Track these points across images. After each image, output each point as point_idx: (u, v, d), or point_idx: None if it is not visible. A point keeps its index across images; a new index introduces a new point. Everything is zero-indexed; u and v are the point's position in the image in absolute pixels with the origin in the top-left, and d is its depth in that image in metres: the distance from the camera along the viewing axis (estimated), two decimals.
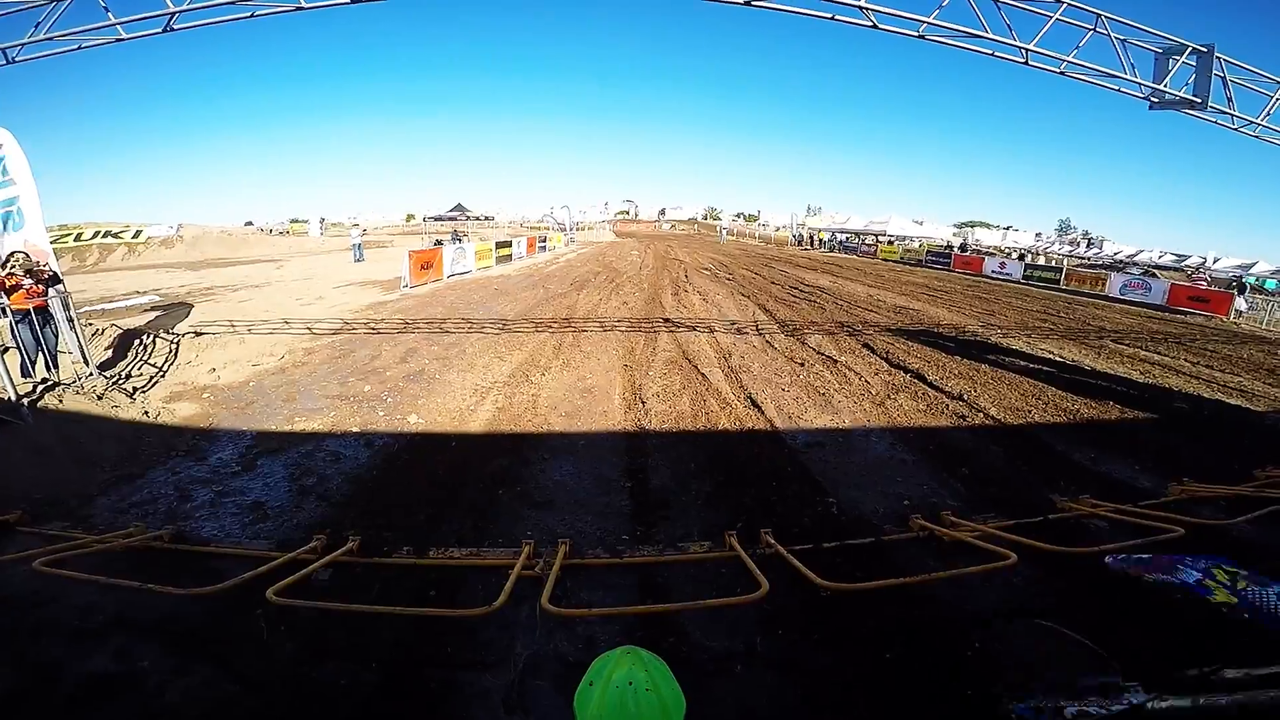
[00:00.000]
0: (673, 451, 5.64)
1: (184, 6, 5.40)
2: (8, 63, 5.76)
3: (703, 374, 8.09)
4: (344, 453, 5.67)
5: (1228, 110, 7.03)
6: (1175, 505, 4.69)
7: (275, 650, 2.96)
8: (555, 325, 11.46)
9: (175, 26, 5.64)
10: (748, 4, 5.73)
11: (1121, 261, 34.78)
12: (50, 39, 5.57)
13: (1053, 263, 33.02)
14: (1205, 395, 8.27)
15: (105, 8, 5.50)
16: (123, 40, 5.72)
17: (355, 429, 6.16)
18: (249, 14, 5.70)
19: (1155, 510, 4.24)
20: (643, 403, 6.94)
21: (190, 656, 2.95)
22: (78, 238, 36.23)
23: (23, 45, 5.60)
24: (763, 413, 6.65)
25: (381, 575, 3.62)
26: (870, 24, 6.07)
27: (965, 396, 7.43)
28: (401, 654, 2.90)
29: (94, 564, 3.53)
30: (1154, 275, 25.43)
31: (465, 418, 6.50)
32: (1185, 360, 10.59)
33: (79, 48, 5.86)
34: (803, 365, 8.72)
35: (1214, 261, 31.76)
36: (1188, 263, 32.83)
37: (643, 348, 9.55)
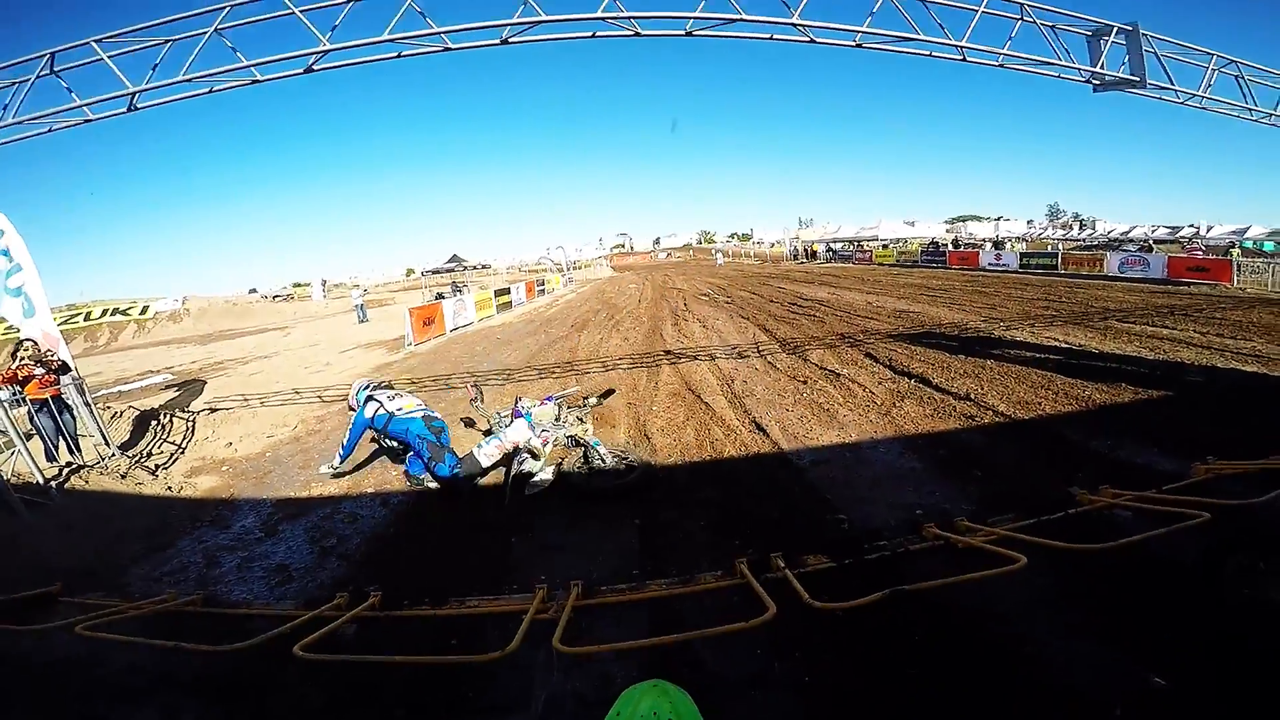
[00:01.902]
0: (679, 483, 5.68)
1: (143, 86, 5.66)
2: None
3: (706, 403, 8.14)
4: (361, 513, 5.76)
5: (1169, 86, 7.16)
6: (1200, 486, 4.56)
7: (305, 702, 3.02)
8: (558, 370, 11.60)
9: (139, 106, 5.88)
10: (689, 34, 5.94)
11: (1116, 239, 34.72)
12: (20, 122, 5.79)
13: (1048, 248, 33.02)
14: (1220, 365, 8.19)
15: (69, 89, 5.76)
16: (91, 121, 5.97)
17: (371, 490, 6.24)
18: (207, 89, 5.95)
19: (1179, 495, 4.18)
20: (648, 438, 6.98)
21: (227, 711, 3.09)
22: (87, 317, 37.11)
23: None
24: (768, 435, 6.68)
25: (403, 627, 3.70)
26: (808, 39, 6.23)
27: (972, 396, 7.42)
28: (424, 701, 2.95)
29: (132, 629, 3.64)
30: (1151, 249, 25.43)
31: None
32: (1194, 331, 10.51)
33: (50, 130, 6.08)
34: (805, 383, 8.75)
35: (1208, 230, 31.66)
36: (1182, 234, 32.73)
37: (645, 383, 9.61)
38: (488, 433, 6.48)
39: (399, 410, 6.02)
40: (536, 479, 5.46)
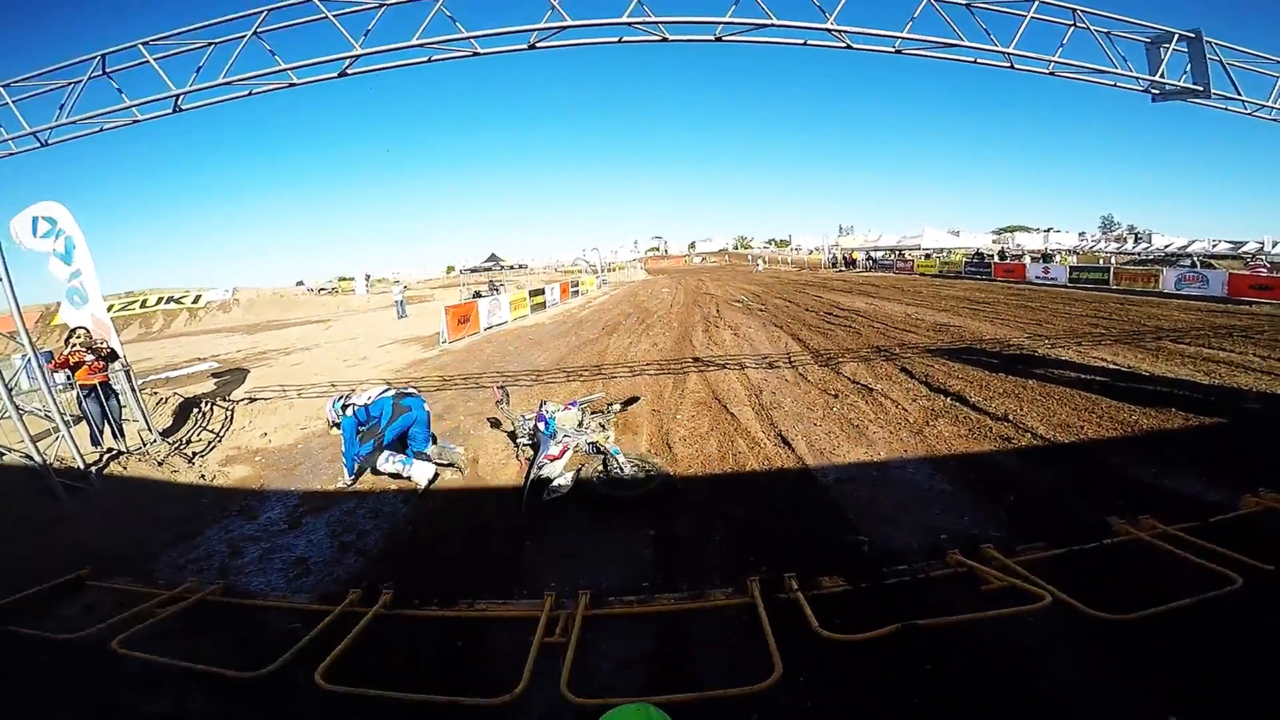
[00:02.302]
0: (698, 496, 5.60)
1: (186, 88, 5.87)
2: (41, 145, 6.28)
3: (732, 414, 8.01)
4: (383, 509, 5.86)
5: (1235, 96, 6.69)
6: (1250, 519, 4.32)
7: (316, 701, 3.06)
8: (586, 372, 11.62)
9: (184, 107, 6.11)
10: (718, 40, 5.82)
11: (1173, 254, 32.98)
12: (74, 122, 6.04)
13: (1099, 261, 31.68)
14: None
15: (119, 89, 5.98)
16: (139, 121, 6.20)
17: (393, 487, 6.33)
18: (247, 92, 6.13)
19: (1225, 528, 3.94)
20: (670, 448, 6.91)
21: (237, 704, 3.17)
22: (143, 304, 38.92)
23: (51, 128, 6.11)
24: (793, 450, 6.53)
25: (413, 627, 3.74)
26: (844, 45, 6.01)
27: (1011, 417, 7.13)
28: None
29: (161, 626, 3.83)
30: (1210, 266, 24.19)
31: (497, 471, 6.63)
32: (1255, 355, 9.85)
33: (101, 130, 6.32)
34: (836, 396, 8.55)
35: (1274, 245, 29.90)
36: (1245, 249, 30.96)
37: (671, 390, 9.54)
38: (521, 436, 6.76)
39: (369, 399, 6.50)
40: (555, 484, 5.47)
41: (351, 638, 3.41)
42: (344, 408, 6.47)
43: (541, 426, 5.95)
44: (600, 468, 5.73)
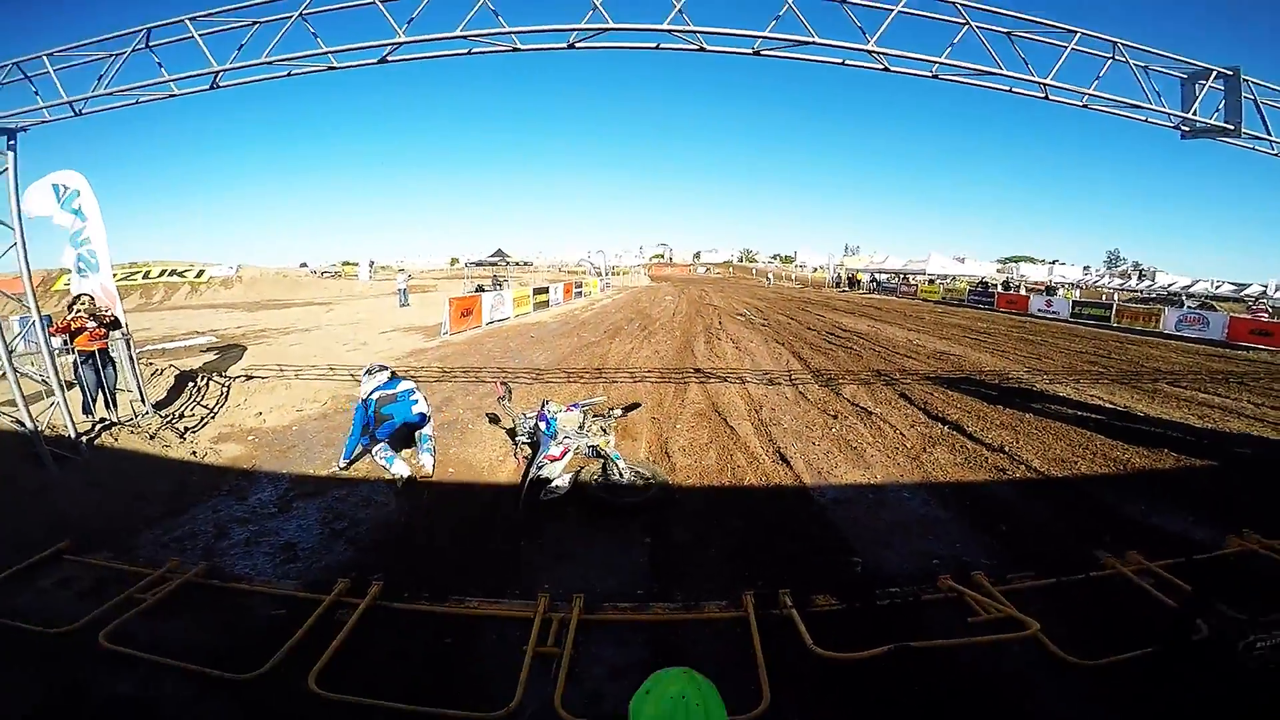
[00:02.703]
0: (695, 506, 5.60)
1: (226, 66, 5.84)
2: (75, 114, 6.25)
3: (731, 427, 8.01)
4: (376, 498, 5.83)
5: (1265, 136, 6.66)
6: (1232, 559, 4.42)
7: (294, 689, 3.03)
8: (587, 375, 11.60)
9: (221, 84, 6.08)
10: (756, 54, 5.79)
11: (1176, 293, 33.16)
12: (111, 93, 6.01)
13: (1102, 297, 31.80)
14: (1271, 438, 7.80)
15: (159, 64, 5.95)
16: (175, 96, 6.16)
17: (387, 476, 6.30)
18: (286, 73, 6.11)
19: (1208, 567, 3.98)
20: (669, 457, 6.90)
21: (209, 687, 3.13)
22: (146, 275, 38.78)
23: (88, 99, 6.07)
24: (791, 467, 6.54)
25: (401, 620, 3.72)
26: (882, 67, 5.96)
27: (1006, 448, 7.17)
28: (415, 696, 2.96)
29: (139, 608, 3.79)
30: (1212, 308, 24.37)
31: (495, 467, 6.62)
32: (1249, 401, 9.96)
33: (136, 102, 6.26)
34: (836, 417, 8.57)
35: (1276, 290, 30.09)
36: (1248, 291, 31.09)
37: (672, 399, 9.53)
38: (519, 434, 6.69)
39: (365, 393, 6.45)
40: (553, 485, 5.46)
41: (341, 638, 3.39)
42: (361, 385, 6.52)
43: (543, 426, 5.94)
44: (599, 471, 5.73)
